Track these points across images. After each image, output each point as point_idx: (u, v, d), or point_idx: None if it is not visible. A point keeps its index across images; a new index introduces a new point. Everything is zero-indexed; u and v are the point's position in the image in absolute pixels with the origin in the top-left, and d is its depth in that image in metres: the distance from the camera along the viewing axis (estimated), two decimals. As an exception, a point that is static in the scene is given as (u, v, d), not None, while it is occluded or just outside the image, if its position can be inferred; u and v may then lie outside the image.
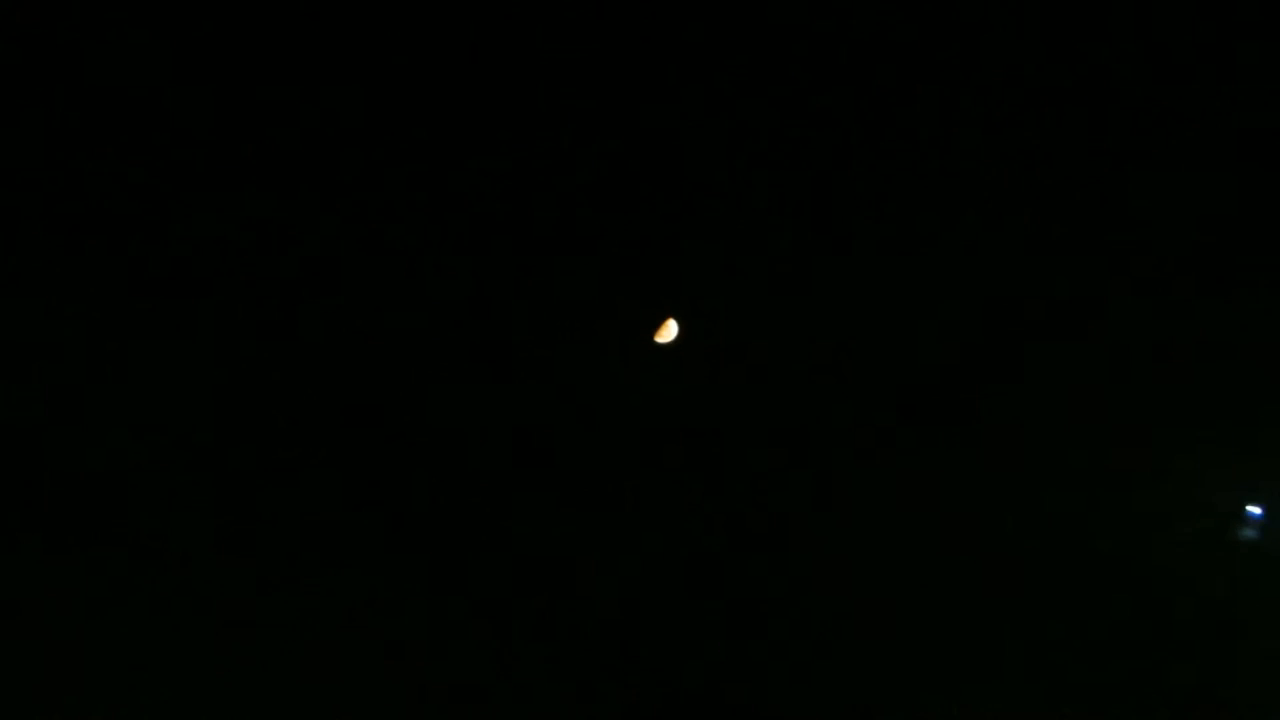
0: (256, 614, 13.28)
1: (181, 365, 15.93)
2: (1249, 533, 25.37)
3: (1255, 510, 25.69)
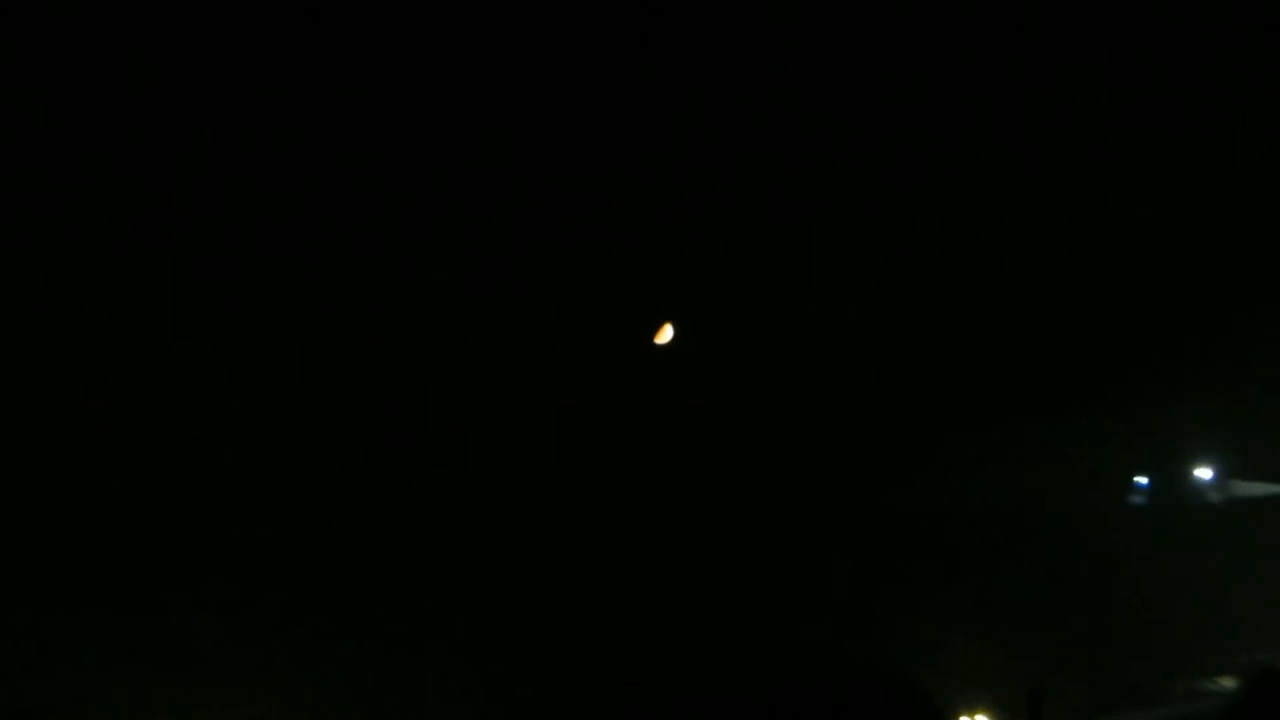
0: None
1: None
2: (1138, 500, 28.40)
3: (1143, 481, 28.65)
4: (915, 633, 27.12)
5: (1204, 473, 38.08)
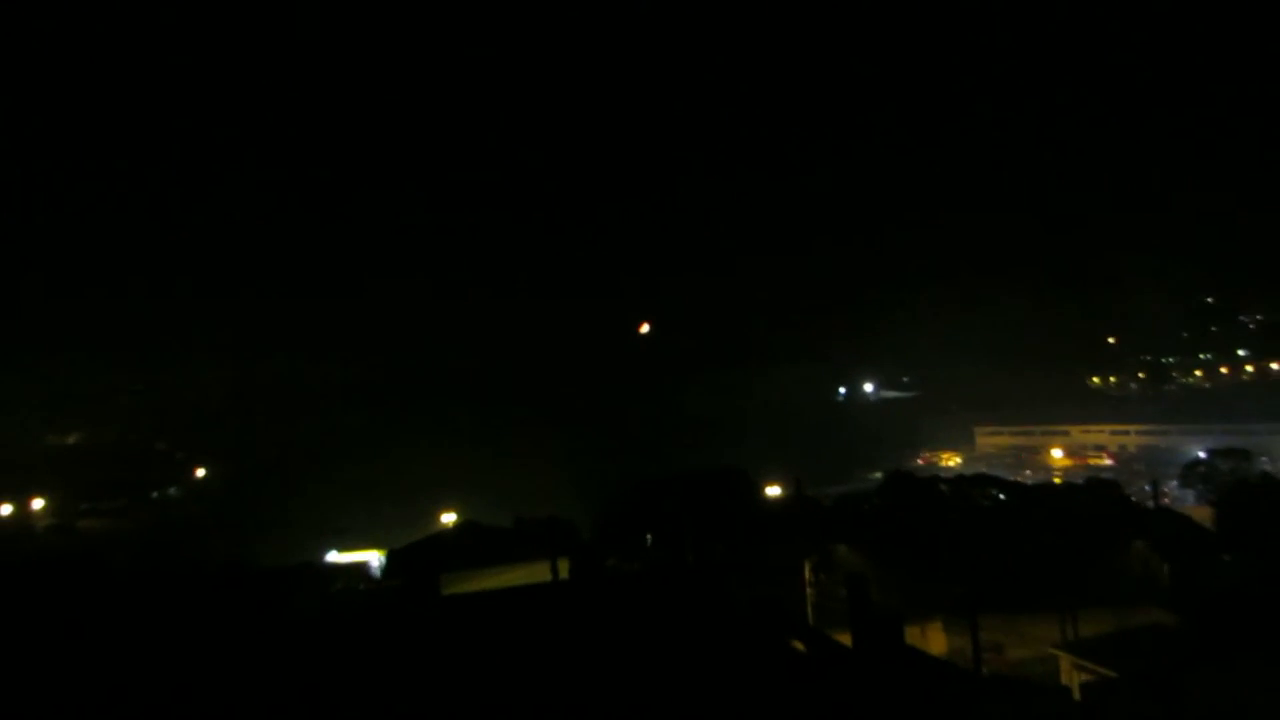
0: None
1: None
2: (840, 398, 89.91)
3: (842, 390, 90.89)
4: (747, 456, 65.78)
5: (868, 386, 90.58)
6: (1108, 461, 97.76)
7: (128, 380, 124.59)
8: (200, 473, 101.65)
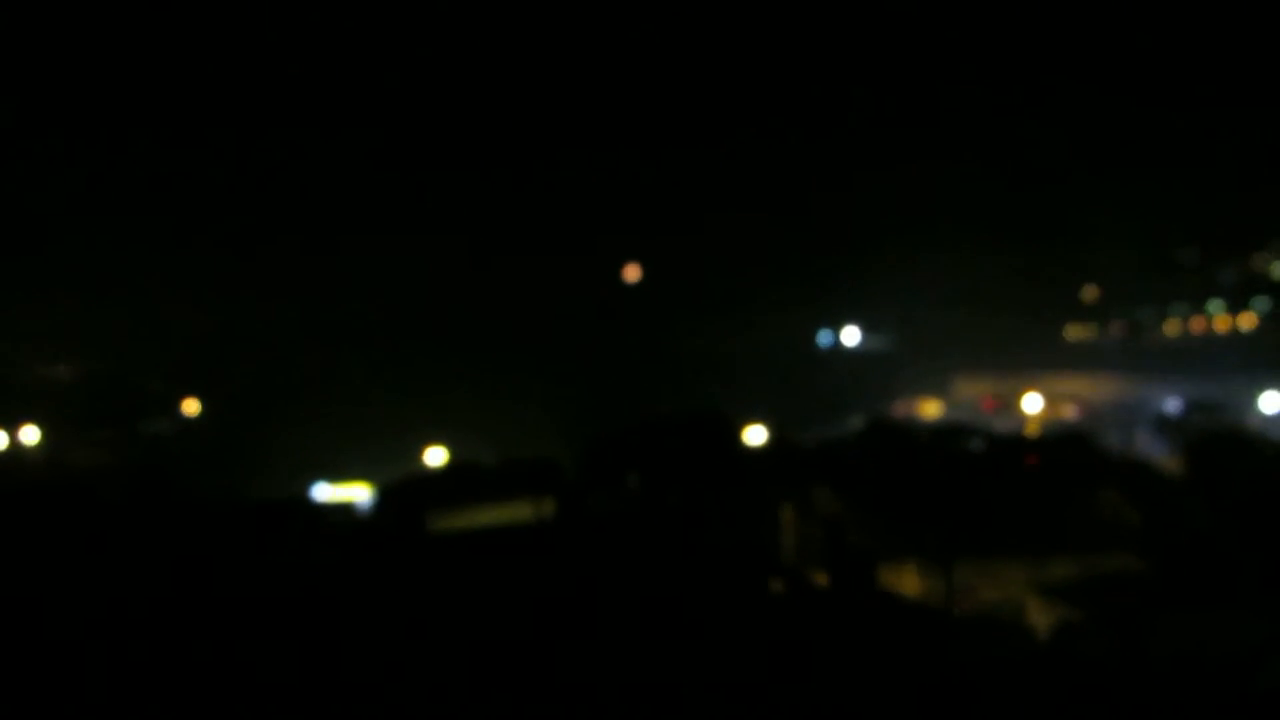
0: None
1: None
2: (821, 346, 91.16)
3: (822, 337, 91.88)
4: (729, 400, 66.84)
5: (850, 334, 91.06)
6: (1074, 410, 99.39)
7: (118, 313, 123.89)
8: (190, 407, 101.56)
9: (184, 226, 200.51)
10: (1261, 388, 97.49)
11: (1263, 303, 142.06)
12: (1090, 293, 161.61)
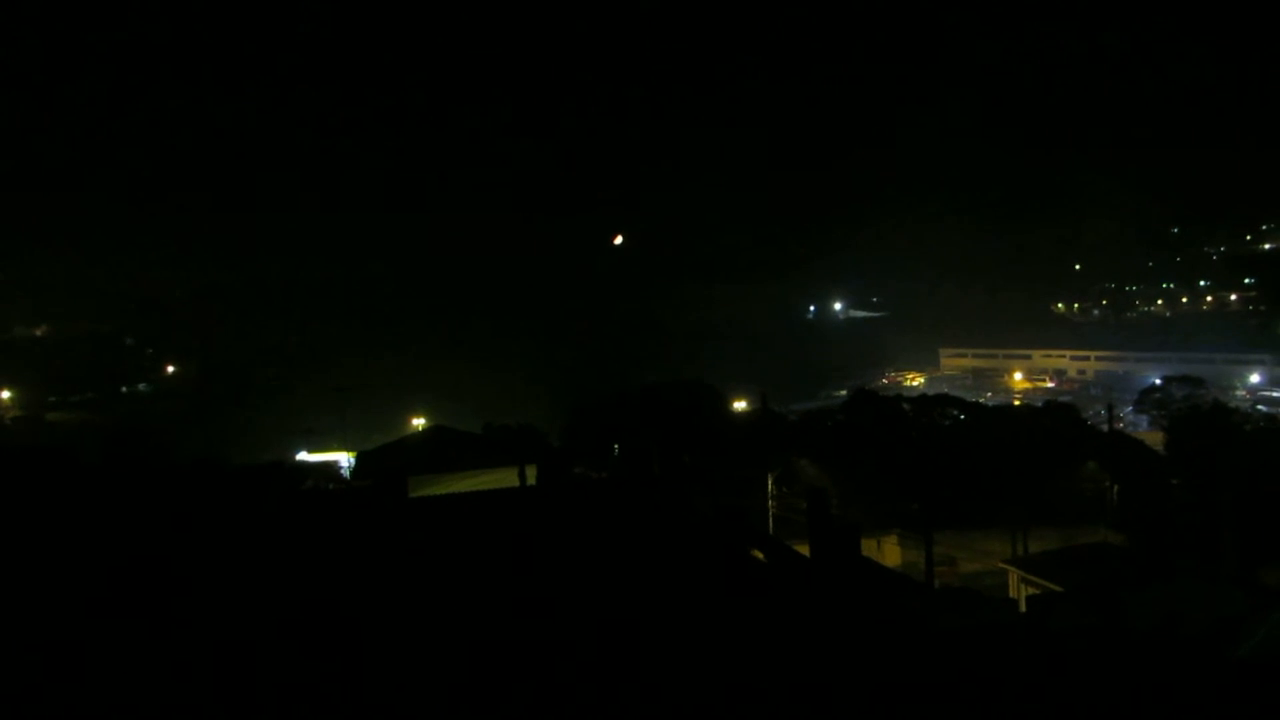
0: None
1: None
2: (809, 316, 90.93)
3: (811, 308, 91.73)
4: (715, 369, 67.01)
5: (838, 305, 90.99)
6: (1050, 385, 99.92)
7: (98, 274, 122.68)
8: (170, 369, 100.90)
9: (169, 187, 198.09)
10: (1246, 365, 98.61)
11: (1249, 281, 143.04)
12: (1080, 267, 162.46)
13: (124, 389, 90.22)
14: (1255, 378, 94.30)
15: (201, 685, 7.18)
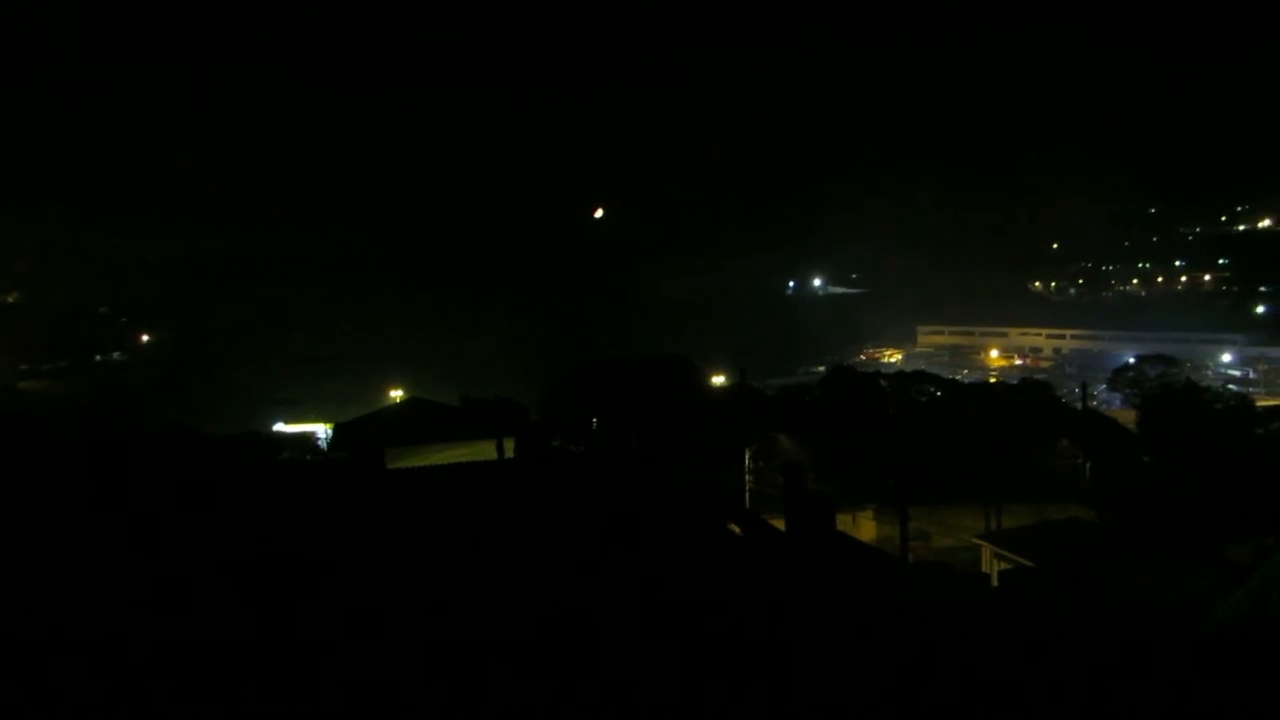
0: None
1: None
2: (789, 292, 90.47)
3: (791, 283, 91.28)
4: (694, 344, 67.33)
5: (817, 281, 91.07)
6: (1019, 362, 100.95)
7: (72, 242, 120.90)
8: (145, 338, 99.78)
9: (144, 155, 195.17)
10: (1218, 344, 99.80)
11: (1224, 262, 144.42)
12: (1058, 246, 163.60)
13: (98, 358, 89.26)
14: (1227, 357, 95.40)
15: (168, 662, 7.11)
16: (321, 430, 47.91)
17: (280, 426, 52.92)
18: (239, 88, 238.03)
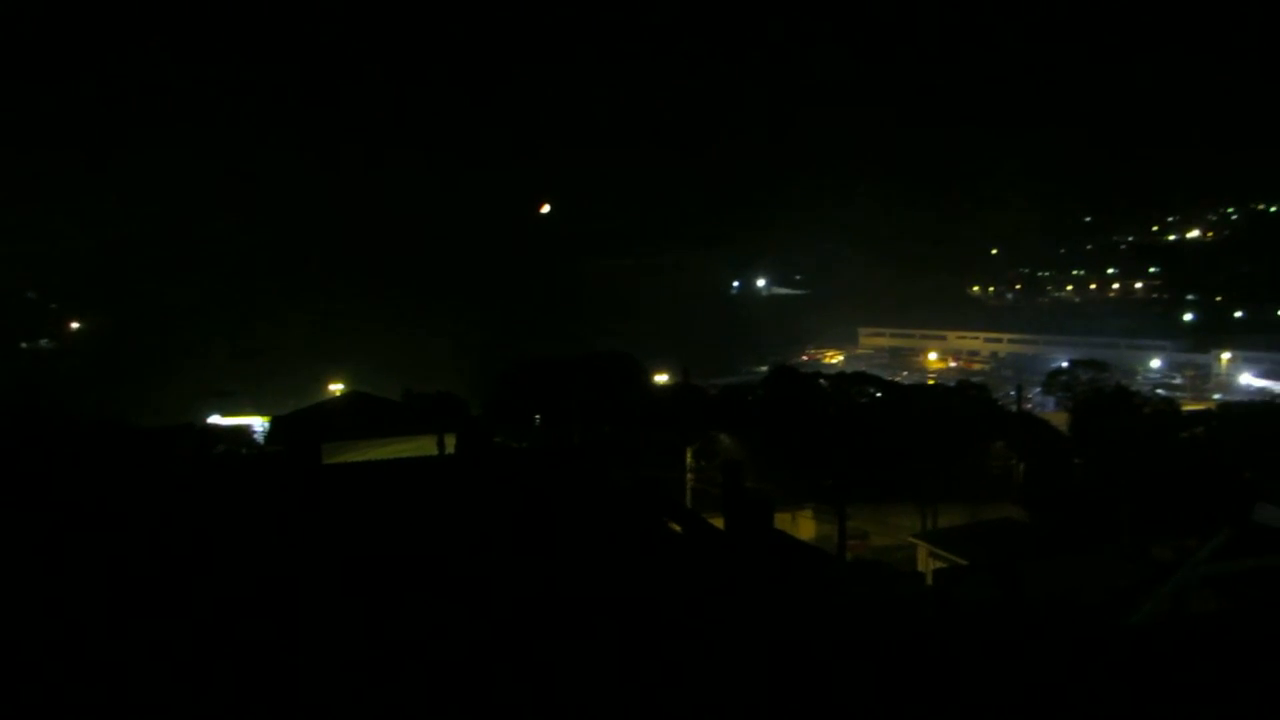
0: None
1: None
2: (734, 292, 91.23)
3: (735, 284, 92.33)
4: (638, 341, 66.82)
5: (761, 282, 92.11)
6: (953, 364, 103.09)
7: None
8: (75, 325, 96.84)
9: (81, 137, 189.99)
10: (1148, 351, 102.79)
11: (1155, 270, 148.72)
12: (996, 252, 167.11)
13: (23, 345, 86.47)
14: (1156, 363, 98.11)
15: (100, 663, 6.92)
16: (258, 423, 47.04)
17: (216, 419, 51.85)
18: (180, 70, 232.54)
